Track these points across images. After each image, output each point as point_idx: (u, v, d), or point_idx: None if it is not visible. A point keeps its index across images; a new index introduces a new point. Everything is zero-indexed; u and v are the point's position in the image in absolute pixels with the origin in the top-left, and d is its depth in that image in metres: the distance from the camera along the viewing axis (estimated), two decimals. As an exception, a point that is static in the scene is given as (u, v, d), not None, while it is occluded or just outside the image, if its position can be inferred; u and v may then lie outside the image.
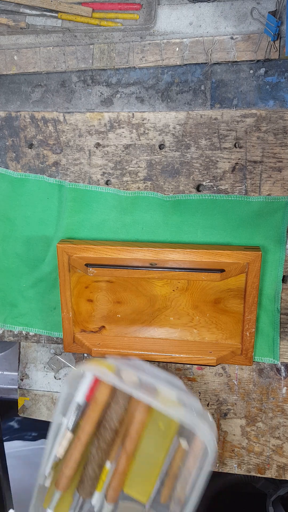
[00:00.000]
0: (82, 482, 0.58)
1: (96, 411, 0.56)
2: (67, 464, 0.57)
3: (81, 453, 0.57)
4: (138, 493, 0.58)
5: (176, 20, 0.58)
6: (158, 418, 0.56)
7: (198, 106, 0.60)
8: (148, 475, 0.57)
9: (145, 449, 0.57)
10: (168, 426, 0.56)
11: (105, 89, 0.62)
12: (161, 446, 0.56)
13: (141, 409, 0.55)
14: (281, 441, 0.68)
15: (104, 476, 0.58)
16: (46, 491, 0.59)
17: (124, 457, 0.56)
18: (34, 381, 0.74)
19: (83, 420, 0.57)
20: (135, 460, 0.57)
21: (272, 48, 0.56)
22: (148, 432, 0.57)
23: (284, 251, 0.61)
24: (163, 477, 0.57)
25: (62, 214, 0.66)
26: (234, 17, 0.57)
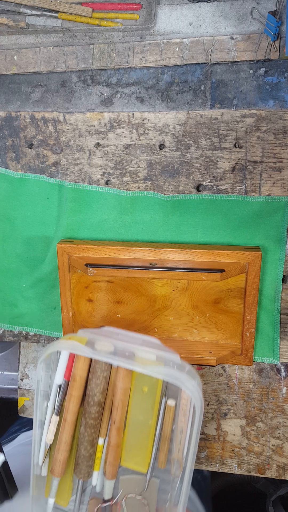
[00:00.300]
0: (77, 464, 0.57)
1: (77, 388, 0.54)
2: (58, 448, 0.56)
3: (71, 434, 0.56)
4: (136, 464, 0.56)
5: (176, 20, 0.58)
6: (141, 382, 0.55)
7: (198, 106, 0.60)
8: (142, 443, 0.56)
9: (134, 417, 0.56)
10: (152, 389, 0.55)
11: (105, 89, 0.62)
12: (149, 411, 0.55)
13: (122, 377, 0.54)
14: (281, 441, 0.68)
15: (99, 453, 0.57)
16: (45, 481, 0.58)
17: (114, 430, 0.55)
18: (34, 381, 0.74)
19: (66, 401, 0.55)
20: (126, 431, 0.56)
21: (272, 48, 0.56)
22: (133, 399, 0.55)
23: (284, 251, 0.61)
24: (157, 442, 0.56)
25: (62, 214, 0.66)
26: (234, 17, 0.57)
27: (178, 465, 0.54)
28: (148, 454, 0.56)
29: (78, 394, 0.55)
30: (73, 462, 0.58)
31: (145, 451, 0.56)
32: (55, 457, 0.56)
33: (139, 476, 0.57)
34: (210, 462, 0.71)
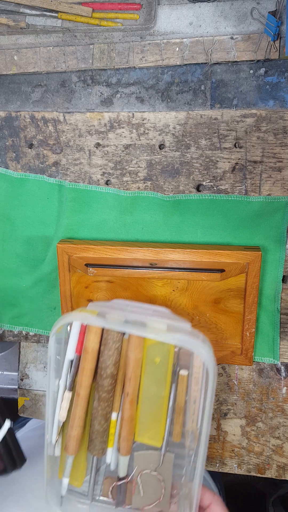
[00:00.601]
0: (91, 440, 0.55)
1: (89, 361, 0.53)
2: (72, 425, 0.54)
3: (84, 410, 0.54)
4: (150, 439, 0.55)
5: (176, 20, 0.58)
6: (153, 354, 0.54)
7: (198, 106, 0.60)
8: (156, 417, 0.55)
9: (147, 390, 0.54)
10: (164, 359, 0.54)
11: (105, 89, 0.62)
12: (162, 383, 0.54)
13: (134, 347, 0.53)
14: (281, 441, 0.68)
15: (112, 429, 0.55)
16: (58, 462, 0.57)
17: (128, 403, 0.53)
18: (34, 381, 0.74)
19: (78, 375, 0.54)
20: (140, 405, 0.55)
21: (272, 48, 0.56)
22: (146, 371, 0.54)
23: (284, 251, 0.61)
24: (171, 415, 0.55)
25: (62, 214, 0.66)
26: (234, 17, 0.57)
27: (192, 437, 0.53)
28: (162, 428, 0.55)
29: (91, 367, 0.53)
30: (86, 439, 0.56)
31: (159, 424, 0.55)
32: (69, 434, 0.54)
33: (154, 451, 0.56)
34: (210, 462, 0.71)
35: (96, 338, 0.53)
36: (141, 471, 0.56)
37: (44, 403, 0.74)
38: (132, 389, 0.53)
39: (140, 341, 0.53)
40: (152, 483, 0.56)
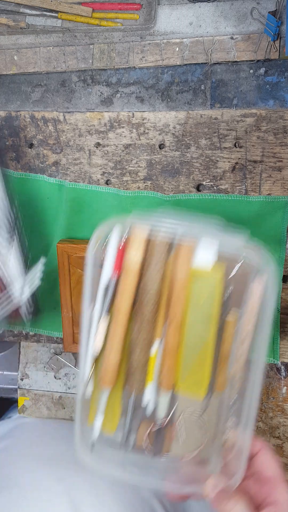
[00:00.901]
0: (130, 374, 0.49)
1: (130, 282, 0.47)
2: (109, 353, 0.48)
3: (122, 337, 0.48)
4: (192, 389, 0.49)
5: (176, 20, 0.58)
6: (199, 292, 0.47)
7: (198, 105, 0.60)
8: (199, 364, 0.48)
9: (190, 331, 0.48)
10: (211, 297, 0.47)
11: (105, 88, 0.62)
12: (207, 325, 0.48)
13: (182, 264, 0.46)
14: (281, 440, 0.68)
15: (153, 360, 0.49)
16: (89, 404, 0.50)
17: (172, 329, 0.47)
18: (34, 381, 0.74)
19: (116, 299, 0.48)
20: (182, 350, 0.48)
21: (272, 48, 0.56)
22: (190, 311, 0.48)
23: (284, 250, 0.61)
24: (216, 360, 0.48)
25: (62, 214, 0.66)
26: (234, 17, 0.57)
27: (237, 380, 0.48)
28: (206, 376, 0.48)
29: (131, 289, 0.47)
30: (123, 376, 0.50)
31: (202, 372, 0.48)
32: (105, 363, 0.49)
33: (197, 399, 0.49)
34: (210, 462, 0.71)
35: (139, 253, 0.46)
36: (182, 414, 0.50)
37: (44, 403, 0.74)
38: (178, 313, 0.47)
39: (189, 258, 0.46)
40: (194, 429, 0.50)
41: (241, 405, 0.46)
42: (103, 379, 0.49)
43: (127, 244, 0.46)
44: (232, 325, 0.48)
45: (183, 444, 0.50)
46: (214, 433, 0.50)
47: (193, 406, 0.50)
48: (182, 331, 0.48)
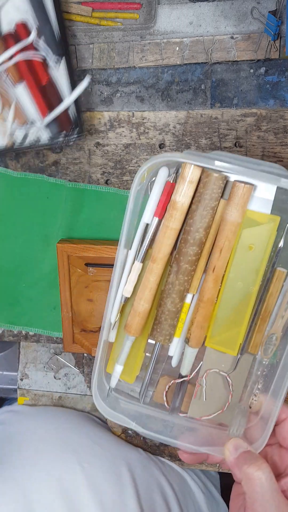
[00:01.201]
0: (159, 323, 0.46)
1: (176, 220, 0.42)
2: (139, 300, 0.44)
3: (156, 286, 0.44)
4: (224, 345, 0.45)
5: (176, 20, 0.58)
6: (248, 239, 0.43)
7: (198, 105, 0.60)
8: (236, 319, 0.45)
9: (232, 283, 0.44)
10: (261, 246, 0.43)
11: (105, 88, 0.62)
12: (252, 276, 0.44)
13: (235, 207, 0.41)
14: None
15: (184, 314, 0.45)
16: (111, 350, 0.47)
17: (211, 281, 0.43)
18: (34, 381, 0.74)
19: (157, 240, 0.43)
20: (220, 301, 0.45)
21: (273, 48, 0.56)
22: (236, 258, 0.43)
23: (284, 250, 0.61)
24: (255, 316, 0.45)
25: (62, 214, 0.66)
26: (234, 16, 0.57)
27: (274, 343, 0.44)
28: (242, 332, 0.45)
29: (176, 227, 0.43)
30: (150, 325, 0.47)
31: (237, 328, 0.45)
32: (133, 311, 0.45)
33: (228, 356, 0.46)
34: (210, 462, 0.71)
35: (190, 191, 0.41)
36: (208, 370, 0.46)
37: (44, 403, 0.74)
38: (221, 264, 0.43)
39: (245, 199, 0.42)
40: (218, 389, 0.47)
41: (274, 371, 0.43)
42: (128, 327, 0.45)
43: (177, 183, 0.42)
44: (279, 281, 0.44)
45: (205, 403, 0.47)
46: (239, 395, 0.46)
47: (221, 365, 0.46)
48: (222, 282, 0.44)
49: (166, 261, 0.44)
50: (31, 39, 0.55)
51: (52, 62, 0.56)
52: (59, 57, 0.56)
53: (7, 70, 0.56)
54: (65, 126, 0.56)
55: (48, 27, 0.55)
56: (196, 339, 0.45)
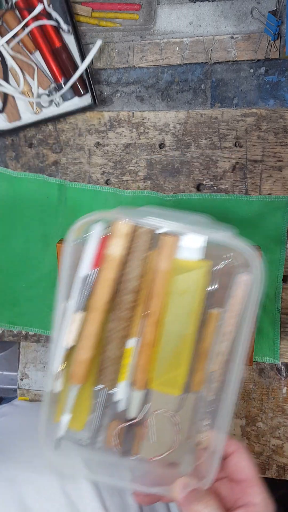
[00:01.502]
0: (103, 369, 0.48)
1: (111, 271, 0.45)
2: (81, 349, 0.46)
3: (97, 333, 0.46)
4: (168, 387, 0.47)
5: (176, 20, 0.58)
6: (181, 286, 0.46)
7: (198, 105, 0.60)
8: (177, 361, 0.47)
9: (169, 327, 0.46)
10: (193, 291, 0.46)
11: (105, 88, 0.62)
12: (188, 320, 0.46)
13: (165, 256, 0.44)
14: (281, 441, 0.67)
15: (127, 359, 0.47)
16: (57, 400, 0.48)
17: (151, 325, 0.46)
18: (33, 381, 0.74)
19: (95, 290, 0.46)
20: (160, 346, 0.47)
21: (273, 48, 0.56)
22: (171, 305, 0.46)
23: (284, 250, 0.61)
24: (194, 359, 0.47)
25: (62, 214, 0.66)
26: (234, 16, 0.57)
27: (215, 380, 0.46)
28: (183, 373, 0.47)
29: (112, 278, 0.45)
30: (94, 372, 0.49)
31: (179, 369, 0.47)
32: (77, 358, 0.46)
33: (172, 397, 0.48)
34: (210, 462, 0.71)
35: (121, 245, 0.45)
36: (155, 412, 0.48)
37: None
38: (156, 309, 0.46)
39: (172, 249, 0.45)
40: (167, 429, 0.48)
41: (217, 406, 0.45)
42: (73, 375, 0.47)
43: (109, 237, 0.45)
44: (214, 321, 0.47)
45: (154, 444, 0.48)
46: (187, 434, 0.48)
47: (167, 406, 0.48)
48: (160, 326, 0.47)
49: (105, 309, 0.46)
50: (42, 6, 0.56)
51: (64, 28, 0.57)
52: (69, 26, 0.57)
53: (22, 40, 0.58)
54: (78, 91, 0.59)
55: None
56: (140, 382, 0.47)
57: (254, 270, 0.42)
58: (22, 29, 0.58)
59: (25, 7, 0.57)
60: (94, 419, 0.48)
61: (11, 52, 0.58)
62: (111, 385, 0.47)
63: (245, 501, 0.42)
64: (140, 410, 0.48)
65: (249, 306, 0.43)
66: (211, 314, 0.47)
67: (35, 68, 0.59)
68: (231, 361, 0.44)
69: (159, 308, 0.46)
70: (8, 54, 0.58)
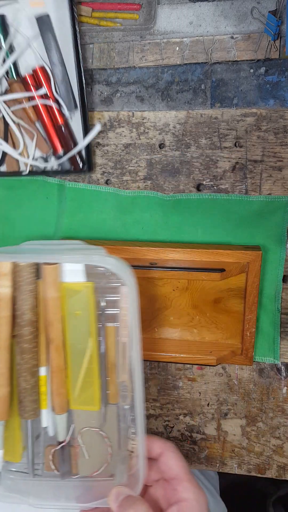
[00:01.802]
0: (20, 401, 0.50)
1: (3, 309, 0.48)
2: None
3: (8, 366, 0.49)
4: (86, 404, 0.50)
5: (176, 20, 0.58)
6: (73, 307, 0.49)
7: (198, 105, 0.60)
8: (88, 378, 0.50)
9: (73, 348, 0.50)
10: (85, 310, 0.49)
11: (105, 88, 0.62)
12: (87, 337, 0.49)
13: (50, 285, 0.48)
14: (282, 441, 0.67)
15: (43, 387, 0.50)
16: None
17: (54, 351, 0.49)
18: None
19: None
20: (69, 367, 0.50)
21: (273, 48, 0.56)
22: (69, 326, 0.49)
23: (284, 250, 0.61)
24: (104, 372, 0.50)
25: (62, 214, 0.66)
26: (234, 16, 0.57)
27: (127, 388, 0.50)
28: (97, 389, 0.49)
29: (7, 315, 0.48)
30: (16, 405, 0.51)
31: (92, 385, 0.50)
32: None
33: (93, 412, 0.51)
34: (210, 462, 0.71)
35: (7, 281, 0.47)
36: (81, 431, 0.51)
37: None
38: (56, 334, 0.48)
39: (56, 276, 0.48)
40: (97, 443, 0.50)
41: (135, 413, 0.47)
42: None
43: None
44: (112, 335, 0.50)
45: (90, 460, 0.50)
46: (118, 445, 0.50)
47: (91, 422, 0.50)
48: (65, 349, 0.49)
49: (8, 345, 0.48)
50: (46, 90, 0.59)
51: (66, 114, 0.60)
52: (72, 112, 0.60)
53: (25, 109, 0.60)
54: (76, 164, 0.61)
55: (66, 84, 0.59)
56: (59, 406, 0.49)
57: (127, 281, 0.45)
58: (27, 99, 0.60)
59: (32, 84, 0.59)
60: (28, 448, 0.51)
61: (14, 117, 0.60)
62: (34, 414, 0.50)
63: (176, 498, 0.44)
64: (67, 432, 0.51)
65: (132, 315, 0.45)
66: (107, 329, 0.50)
67: (35, 134, 0.61)
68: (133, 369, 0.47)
69: (59, 333, 0.49)
70: (9, 117, 0.60)
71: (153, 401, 0.70)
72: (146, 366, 0.69)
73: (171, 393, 0.69)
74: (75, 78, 0.58)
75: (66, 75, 0.59)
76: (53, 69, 0.59)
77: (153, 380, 0.69)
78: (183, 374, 0.69)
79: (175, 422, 0.71)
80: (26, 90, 0.59)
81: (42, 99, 0.59)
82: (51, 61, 0.59)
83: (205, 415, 0.69)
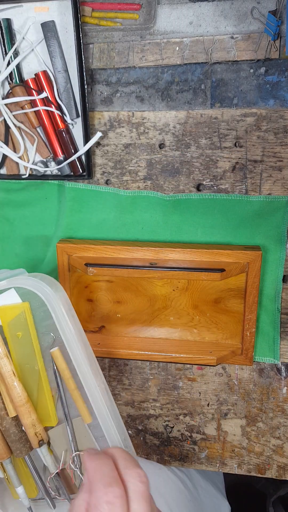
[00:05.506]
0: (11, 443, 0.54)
1: None
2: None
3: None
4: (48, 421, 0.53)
5: (176, 20, 0.58)
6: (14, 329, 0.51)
7: (198, 105, 0.60)
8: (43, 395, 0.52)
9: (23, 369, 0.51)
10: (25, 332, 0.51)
11: (105, 88, 0.62)
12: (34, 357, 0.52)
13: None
14: (282, 441, 0.67)
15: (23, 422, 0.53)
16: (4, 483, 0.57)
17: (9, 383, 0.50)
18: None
19: None
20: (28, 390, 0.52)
21: (272, 48, 0.56)
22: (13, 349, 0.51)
23: (284, 250, 0.61)
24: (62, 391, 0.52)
25: (62, 214, 0.66)
26: (234, 16, 0.57)
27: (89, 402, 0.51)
28: (51, 406, 0.52)
29: None
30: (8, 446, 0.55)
31: (46, 402, 0.52)
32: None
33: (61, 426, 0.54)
34: (211, 462, 0.71)
35: None
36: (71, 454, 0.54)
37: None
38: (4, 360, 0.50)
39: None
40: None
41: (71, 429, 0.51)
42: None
43: None
44: (59, 358, 0.52)
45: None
46: None
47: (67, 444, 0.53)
48: (18, 379, 0.51)
49: None
50: (51, 95, 0.59)
51: (68, 121, 0.60)
52: (73, 121, 0.61)
53: (27, 114, 0.61)
54: (76, 169, 0.62)
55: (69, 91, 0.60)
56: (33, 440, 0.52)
57: (45, 296, 0.46)
58: (30, 105, 0.61)
59: (34, 89, 0.59)
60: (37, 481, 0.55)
61: (15, 121, 0.61)
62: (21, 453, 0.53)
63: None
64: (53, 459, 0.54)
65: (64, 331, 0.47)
66: (53, 353, 0.52)
67: (36, 138, 0.62)
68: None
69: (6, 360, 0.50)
70: (10, 121, 0.60)
71: (153, 401, 0.70)
72: (146, 366, 0.69)
73: (171, 393, 0.69)
74: (77, 84, 0.58)
75: (69, 82, 0.59)
76: (56, 76, 0.59)
77: (153, 380, 0.69)
78: (183, 374, 0.69)
79: (175, 422, 0.71)
80: (28, 94, 0.59)
81: (44, 105, 0.60)
82: (55, 68, 0.59)
83: (205, 415, 0.69)
